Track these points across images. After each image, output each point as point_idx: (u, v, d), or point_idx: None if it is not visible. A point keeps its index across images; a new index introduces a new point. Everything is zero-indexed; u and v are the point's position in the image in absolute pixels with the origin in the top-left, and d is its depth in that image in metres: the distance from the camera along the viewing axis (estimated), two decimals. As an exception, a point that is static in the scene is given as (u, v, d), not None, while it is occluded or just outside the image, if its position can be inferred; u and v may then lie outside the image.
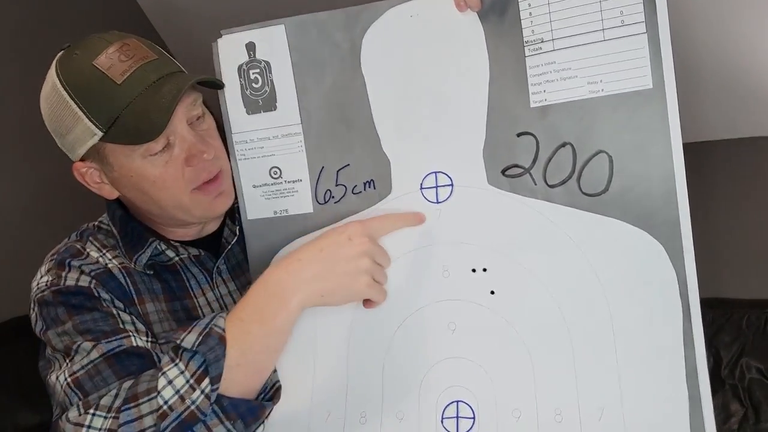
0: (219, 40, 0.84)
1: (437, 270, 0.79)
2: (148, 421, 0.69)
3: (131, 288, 0.85)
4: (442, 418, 0.78)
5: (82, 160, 0.82)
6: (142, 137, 0.76)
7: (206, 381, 0.69)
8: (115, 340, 0.77)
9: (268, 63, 0.83)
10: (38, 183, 1.43)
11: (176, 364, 0.70)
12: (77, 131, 0.79)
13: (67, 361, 0.77)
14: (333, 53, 0.81)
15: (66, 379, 0.76)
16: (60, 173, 0.88)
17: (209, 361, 0.69)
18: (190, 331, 0.72)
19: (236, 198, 0.88)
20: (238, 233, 0.91)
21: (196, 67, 0.85)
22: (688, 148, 0.69)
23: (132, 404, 0.70)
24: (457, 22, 0.76)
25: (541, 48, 0.73)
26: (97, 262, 0.85)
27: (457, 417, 0.77)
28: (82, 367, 0.76)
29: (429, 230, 0.79)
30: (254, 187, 0.87)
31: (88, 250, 0.86)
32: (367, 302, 0.79)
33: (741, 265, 2.06)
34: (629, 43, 0.69)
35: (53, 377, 0.78)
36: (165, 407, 0.69)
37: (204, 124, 0.84)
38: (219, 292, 0.90)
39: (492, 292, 0.77)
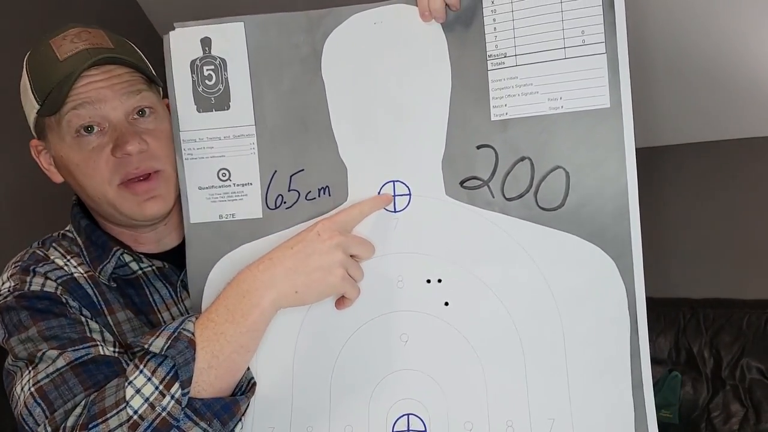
0: (171, 33, 0.80)
1: (392, 280, 0.78)
2: None
3: (99, 298, 0.81)
4: (393, 432, 0.76)
5: (39, 139, 0.83)
6: (54, 106, 0.76)
7: (176, 386, 0.67)
8: (83, 348, 0.74)
9: (223, 60, 0.80)
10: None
11: (141, 371, 0.68)
12: (27, 106, 0.81)
13: (30, 369, 0.73)
14: (293, 55, 0.79)
15: (30, 389, 0.71)
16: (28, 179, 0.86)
17: (179, 364, 0.67)
18: (158, 336, 0.69)
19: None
20: None
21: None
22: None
23: (100, 420, 0.67)
24: (421, 32, 0.76)
25: (504, 63, 0.74)
26: (62, 269, 0.81)
27: (408, 430, 0.76)
28: (47, 376, 0.72)
29: (385, 239, 0.78)
30: (200, 189, 0.82)
31: (52, 257, 0.83)
32: (339, 303, 0.77)
33: (742, 266, 2.16)
34: (589, 62, 0.72)
35: (18, 388, 0.73)
36: (135, 417, 0.66)
37: (150, 123, 0.80)
38: (185, 305, 0.86)
39: (446, 304, 0.77)
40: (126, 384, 0.68)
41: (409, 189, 0.78)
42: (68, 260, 0.83)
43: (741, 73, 1.84)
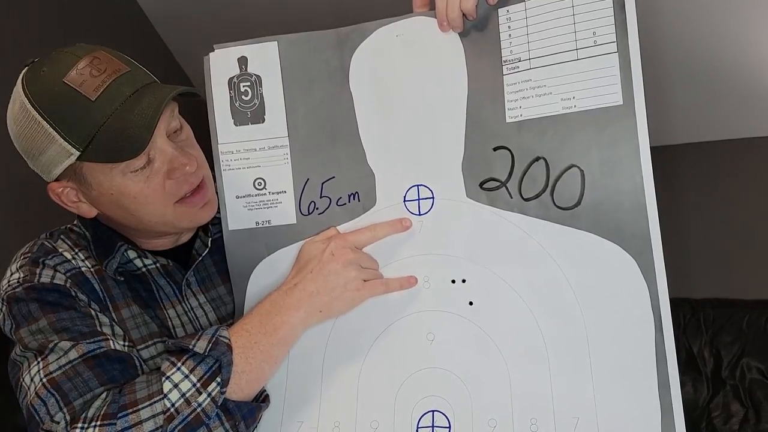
0: (211, 54, 0.87)
1: (418, 280, 0.81)
2: (149, 425, 0.69)
3: (105, 294, 0.82)
4: (418, 428, 0.78)
5: (57, 180, 0.79)
6: (122, 155, 0.74)
7: (214, 384, 0.71)
8: (94, 342, 0.76)
9: (259, 77, 0.86)
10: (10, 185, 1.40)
11: (179, 368, 0.71)
12: (51, 152, 0.75)
13: (40, 360, 0.73)
14: (322, 70, 0.85)
15: (42, 379, 0.72)
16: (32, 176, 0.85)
17: (223, 364, 0.71)
18: (199, 338, 0.73)
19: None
20: (210, 245, 0.89)
21: (199, 69, 0.87)
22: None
23: (130, 410, 0.69)
24: (440, 42, 0.80)
25: (518, 67, 0.77)
26: (70, 261, 0.82)
27: (433, 426, 0.77)
28: (60, 367, 0.73)
29: (411, 241, 0.81)
30: (237, 197, 0.88)
31: (60, 249, 0.83)
32: None
33: (742, 265, 2.10)
34: (601, 62, 0.73)
35: (27, 378, 0.74)
36: (172, 410, 0.70)
37: (182, 135, 0.81)
38: (189, 304, 0.88)
39: (470, 303, 0.79)
40: (164, 379, 0.70)
41: (432, 192, 0.81)
42: (76, 253, 0.84)
43: (751, 73, 1.78)
